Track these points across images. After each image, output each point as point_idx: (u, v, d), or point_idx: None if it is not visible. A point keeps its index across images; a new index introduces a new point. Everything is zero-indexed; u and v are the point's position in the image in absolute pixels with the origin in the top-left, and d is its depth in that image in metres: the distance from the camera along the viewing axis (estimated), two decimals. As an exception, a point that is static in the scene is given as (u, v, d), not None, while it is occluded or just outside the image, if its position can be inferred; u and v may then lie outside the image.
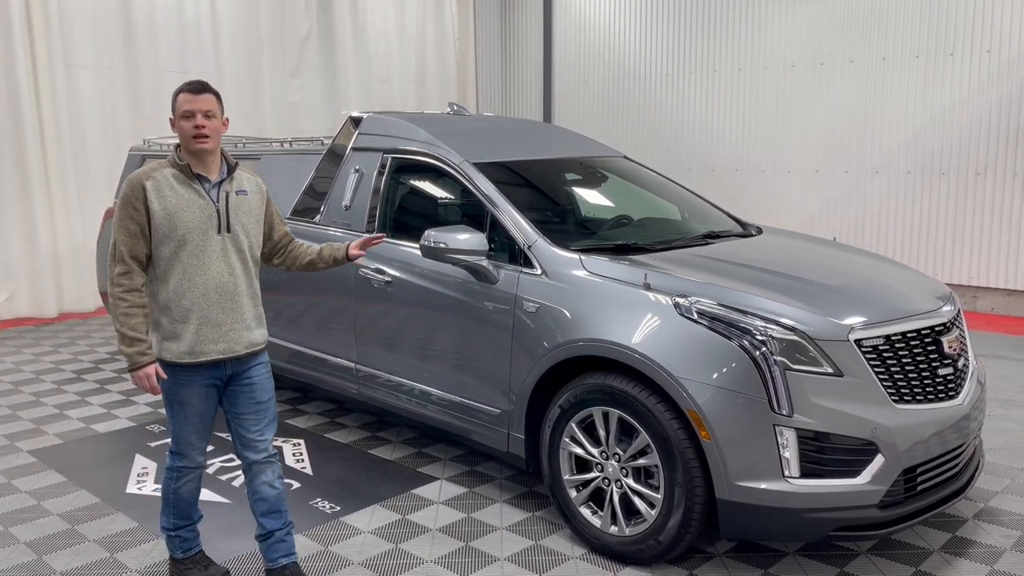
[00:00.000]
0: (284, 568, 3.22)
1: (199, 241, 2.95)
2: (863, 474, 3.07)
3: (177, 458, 3.15)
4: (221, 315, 3.00)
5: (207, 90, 2.97)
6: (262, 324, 3.17)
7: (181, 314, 2.96)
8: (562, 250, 3.78)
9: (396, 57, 11.16)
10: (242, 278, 3.06)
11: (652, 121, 10.30)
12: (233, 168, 3.07)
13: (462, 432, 4.14)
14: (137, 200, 2.91)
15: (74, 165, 8.45)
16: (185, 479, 3.18)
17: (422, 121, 4.79)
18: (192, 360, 2.98)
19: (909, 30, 8.18)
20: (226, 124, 3.05)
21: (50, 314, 8.37)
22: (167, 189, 2.93)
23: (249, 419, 3.13)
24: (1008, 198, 7.84)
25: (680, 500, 3.19)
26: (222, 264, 2.99)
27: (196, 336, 2.97)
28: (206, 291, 2.97)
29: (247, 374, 3.11)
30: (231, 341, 3.02)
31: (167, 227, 2.91)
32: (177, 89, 2.99)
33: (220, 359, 3.02)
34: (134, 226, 2.92)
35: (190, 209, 2.94)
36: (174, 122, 2.97)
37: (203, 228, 2.95)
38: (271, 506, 3.20)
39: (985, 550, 3.55)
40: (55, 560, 3.55)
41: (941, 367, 3.38)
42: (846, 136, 8.73)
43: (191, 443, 3.12)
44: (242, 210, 3.05)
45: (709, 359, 3.16)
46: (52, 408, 5.59)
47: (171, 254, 2.94)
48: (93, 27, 8.46)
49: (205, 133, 2.91)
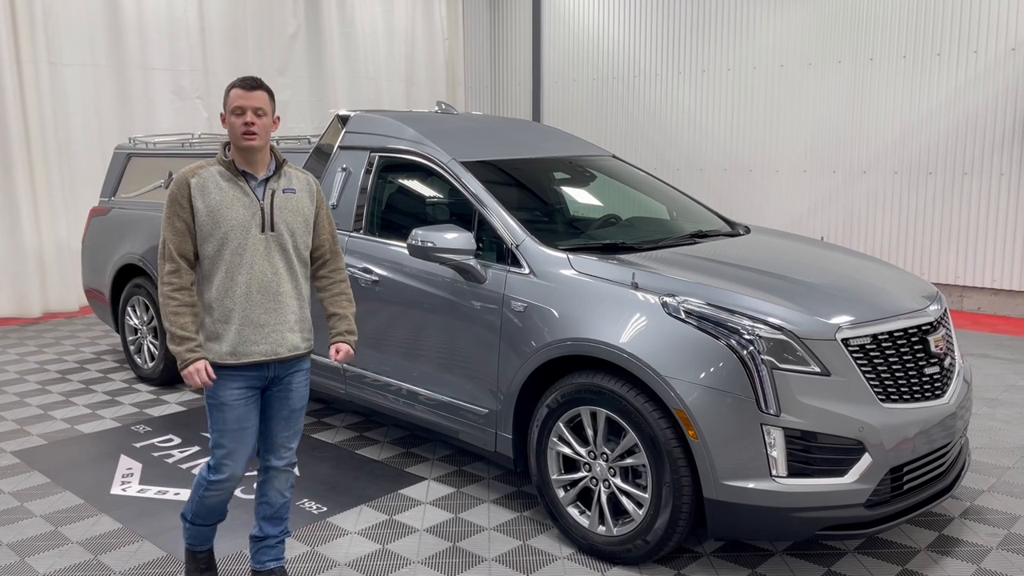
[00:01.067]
0: (271, 572, 3.20)
1: (241, 239, 2.87)
2: (850, 473, 3.07)
3: (213, 471, 3.01)
4: (264, 315, 2.92)
5: (260, 87, 2.89)
6: (307, 329, 3.06)
7: (224, 314, 2.90)
8: (550, 249, 3.77)
9: (384, 56, 11.14)
10: (286, 278, 2.97)
11: (641, 121, 10.31)
12: (281, 165, 2.99)
13: (450, 432, 4.12)
14: (183, 198, 2.86)
15: (59, 164, 8.39)
16: (215, 491, 3.04)
17: (410, 120, 4.77)
18: (234, 361, 2.90)
19: (896, 31, 8.22)
20: (277, 122, 2.97)
21: (34, 314, 8.31)
22: (212, 186, 2.88)
23: (280, 424, 3.06)
24: (995, 198, 7.89)
25: (668, 500, 3.19)
26: (265, 263, 2.91)
27: (238, 336, 2.89)
28: (248, 291, 2.89)
29: (287, 379, 3.03)
30: (273, 343, 2.94)
31: (210, 225, 2.86)
32: (230, 84, 2.92)
33: (262, 361, 2.93)
34: (181, 224, 2.87)
35: (233, 206, 2.87)
36: (224, 117, 2.90)
37: (245, 226, 2.88)
38: (275, 512, 3.17)
39: (971, 549, 3.56)
40: (38, 562, 3.51)
41: (928, 366, 3.38)
42: (834, 136, 8.76)
43: (229, 454, 2.96)
44: (288, 208, 2.96)
45: (697, 358, 3.16)
46: (36, 408, 5.54)
47: (214, 252, 2.88)
48: (79, 25, 8.40)
49: (254, 131, 2.84)
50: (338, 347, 3.13)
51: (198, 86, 9.23)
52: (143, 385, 6.03)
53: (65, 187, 8.44)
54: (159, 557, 3.55)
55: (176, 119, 8.99)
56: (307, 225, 3.03)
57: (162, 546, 3.64)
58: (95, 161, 8.44)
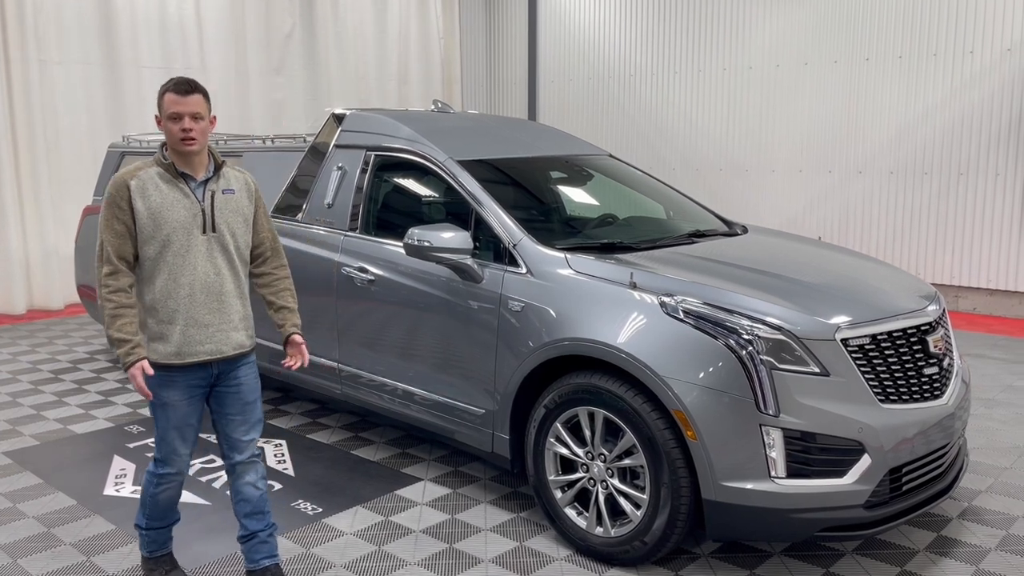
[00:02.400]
0: (266, 570, 3.18)
1: (183, 241, 2.90)
2: (849, 474, 3.06)
3: (159, 464, 3.08)
4: (208, 316, 2.95)
5: (195, 90, 2.89)
6: (250, 326, 3.12)
7: (167, 315, 2.92)
8: (547, 249, 3.75)
9: (379, 55, 11.10)
10: (229, 278, 3.01)
11: (637, 120, 10.30)
12: (220, 166, 3.02)
13: (446, 432, 4.10)
14: (122, 200, 2.87)
15: (47, 163, 8.32)
16: (165, 486, 3.12)
17: (406, 118, 4.74)
18: (180, 361, 2.94)
19: (892, 31, 8.22)
20: (213, 122, 2.98)
21: (18, 311, 8.24)
22: (152, 188, 2.89)
23: (236, 419, 3.09)
24: (990, 198, 7.89)
25: (666, 500, 3.17)
26: (208, 264, 2.95)
27: (183, 337, 2.93)
28: (192, 292, 2.92)
29: (234, 374, 3.07)
30: (218, 342, 2.98)
31: (151, 227, 2.87)
32: (163, 87, 2.90)
33: (208, 360, 2.98)
34: (120, 226, 2.88)
35: (175, 208, 2.89)
36: (160, 121, 2.90)
37: (187, 228, 2.90)
38: (254, 507, 3.16)
39: (970, 550, 3.55)
40: (31, 564, 3.48)
41: (926, 366, 3.37)
42: (830, 136, 8.76)
43: (174, 448, 3.04)
44: (228, 209, 3.00)
45: (695, 358, 3.14)
46: (29, 408, 5.50)
47: (156, 254, 2.90)
48: (70, 22, 8.34)
49: (192, 136, 2.85)
50: (292, 340, 3.21)
51: None
52: (137, 385, 5.99)
53: (53, 186, 8.37)
54: (153, 559, 3.52)
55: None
56: (247, 224, 3.08)
57: (156, 548, 3.60)
58: (84, 160, 8.38)
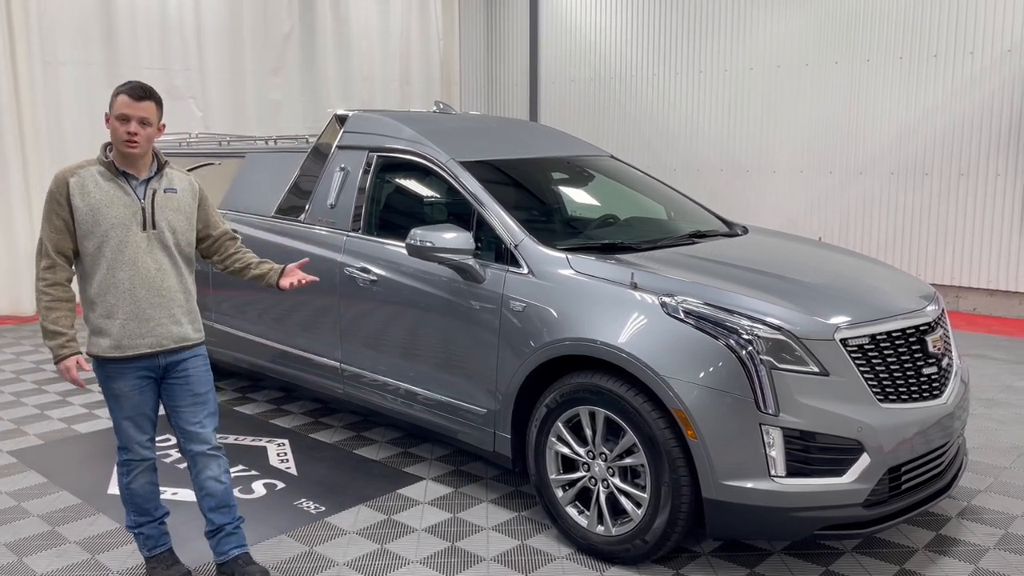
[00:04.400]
0: (236, 559, 3.21)
1: (121, 237, 2.97)
2: (848, 473, 3.08)
3: (123, 452, 3.18)
4: (149, 310, 3.02)
5: (149, 97, 2.98)
6: (196, 320, 3.18)
7: (107, 309, 2.99)
8: (549, 249, 3.77)
9: (379, 56, 11.11)
10: (171, 273, 3.08)
11: (638, 121, 10.32)
12: (163, 166, 3.10)
13: (448, 432, 4.12)
14: (61, 196, 2.95)
15: (52, 163, 8.32)
16: (134, 472, 3.18)
17: (408, 119, 4.76)
18: (120, 354, 3.01)
19: (893, 32, 8.23)
20: (161, 129, 3.06)
21: (26, 312, 8.27)
22: (91, 185, 2.96)
23: (187, 411, 3.15)
24: (991, 199, 7.91)
25: (667, 499, 3.19)
26: (148, 260, 3.01)
27: (122, 331, 3.00)
28: (132, 286, 2.99)
29: (182, 366, 3.13)
30: (158, 336, 3.04)
31: (90, 222, 2.95)
32: (118, 88, 2.99)
33: (149, 353, 3.04)
34: (58, 221, 2.95)
35: (114, 205, 2.97)
36: (108, 118, 2.97)
37: (126, 224, 2.98)
38: (219, 501, 3.20)
39: (969, 548, 3.57)
40: (36, 562, 3.51)
41: (926, 366, 3.39)
42: (830, 137, 8.77)
43: (130, 436, 3.13)
44: (169, 207, 3.07)
45: (696, 358, 3.16)
46: (33, 408, 5.53)
47: (95, 250, 2.97)
48: (74, 24, 8.37)
49: (136, 140, 2.94)
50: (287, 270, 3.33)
51: (192, 85, 9.19)
52: (140, 385, 6.01)
53: None
54: (157, 557, 3.54)
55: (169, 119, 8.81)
56: (189, 223, 3.15)
57: (160, 546, 3.62)
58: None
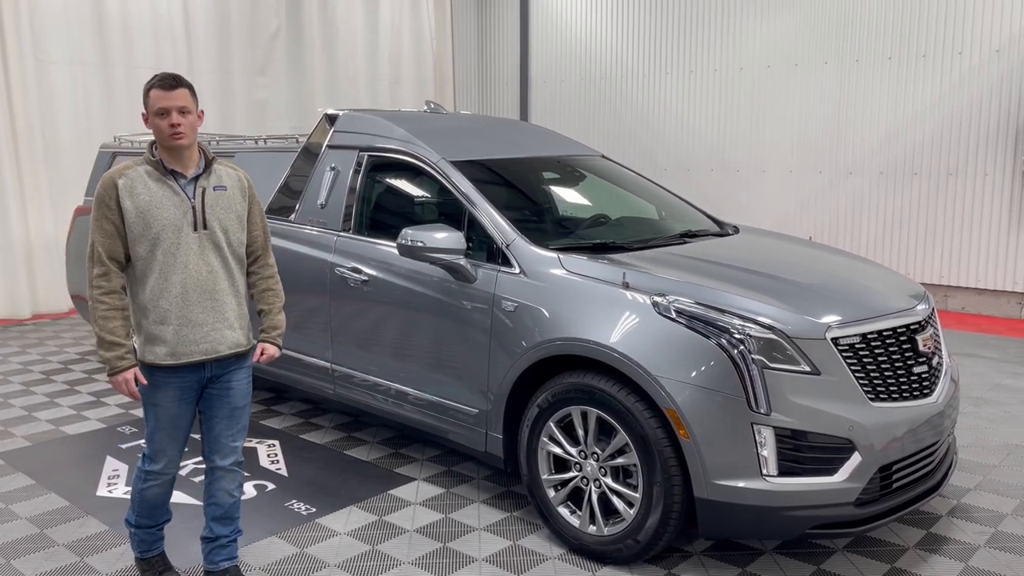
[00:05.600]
0: (225, 572, 3.18)
1: (173, 239, 2.86)
2: (840, 472, 3.09)
3: (147, 461, 3.07)
4: (202, 315, 2.91)
5: (180, 84, 2.85)
6: (247, 325, 3.08)
7: (160, 315, 2.88)
8: (540, 249, 3.77)
9: (367, 55, 11.05)
10: (223, 276, 2.96)
11: (629, 121, 10.33)
12: (211, 162, 2.97)
13: (439, 432, 4.11)
14: (110, 199, 2.84)
15: (46, 162, 8.30)
16: (152, 483, 3.10)
17: (399, 119, 4.75)
18: (174, 362, 2.90)
19: (882, 32, 8.27)
20: (201, 117, 2.93)
21: (23, 315, 8.22)
22: (140, 186, 2.85)
23: (222, 423, 3.07)
24: (979, 199, 7.95)
25: (658, 499, 3.19)
26: (200, 262, 2.90)
27: (177, 337, 2.89)
28: (184, 290, 2.88)
29: (227, 378, 3.04)
30: (213, 341, 2.94)
31: (141, 226, 2.84)
32: (148, 83, 2.86)
33: (202, 360, 2.94)
34: (109, 226, 2.84)
35: (164, 206, 2.86)
36: (147, 118, 2.85)
37: (177, 225, 2.87)
38: (225, 512, 3.16)
39: (959, 546, 3.58)
40: (24, 565, 3.48)
41: (916, 365, 3.40)
42: (820, 137, 8.81)
43: (163, 449, 3.03)
44: (220, 206, 2.95)
45: (687, 358, 3.16)
46: (20, 410, 5.49)
47: (147, 253, 2.86)
48: (65, 23, 8.31)
49: (181, 131, 2.81)
50: (263, 348, 3.14)
51: None
52: (129, 386, 5.97)
53: (53, 185, 8.34)
54: (146, 559, 3.52)
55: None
56: (240, 222, 3.02)
57: (149, 548, 3.60)
58: (84, 159, 8.31)
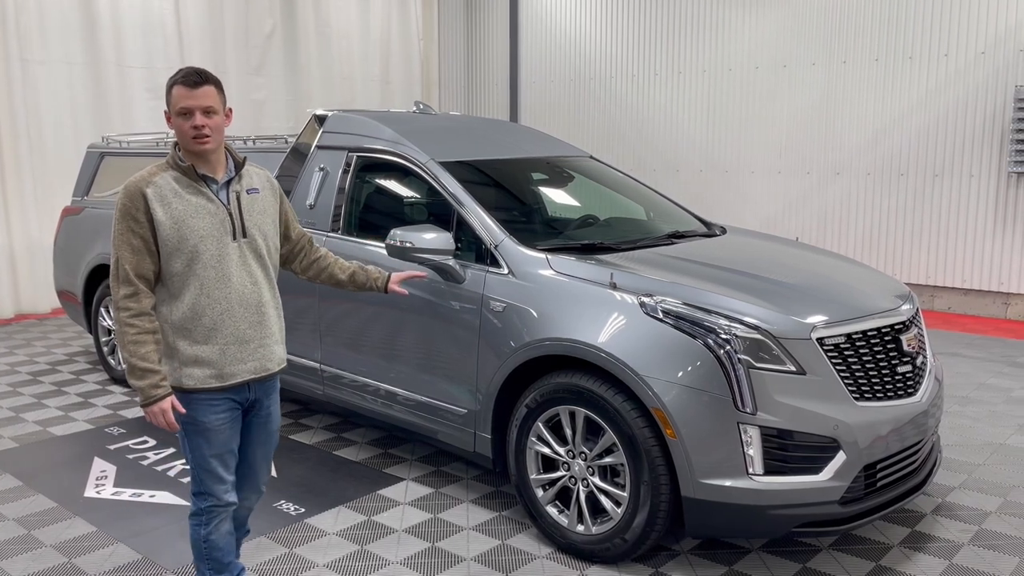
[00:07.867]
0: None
1: (215, 251, 2.60)
2: (825, 471, 3.11)
3: (203, 499, 2.76)
4: (249, 330, 2.67)
5: (206, 81, 2.57)
6: (284, 339, 2.88)
7: (203, 334, 2.62)
8: (529, 249, 3.78)
9: (359, 55, 11.09)
10: (266, 287, 2.74)
11: (618, 121, 10.35)
12: (241, 164, 2.73)
13: (428, 432, 4.12)
14: (138, 211, 2.54)
15: (31, 162, 8.26)
16: (215, 521, 2.79)
17: (388, 119, 4.76)
18: (220, 384, 2.65)
19: (869, 34, 8.32)
20: (229, 116, 2.67)
21: (6, 315, 8.18)
22: (171, 195, 2.57)
23: (259, 450, 2.88)
24: (965, 199, 8.01)
25: (646, 498, 3.21)
26: (243, 273, 2.66)
27: (223, 357, 2.64)
28: (229, 306, 2.63)
29: (266, 403, 2.83)
30: (262, 358, 2.72)
31: (176, 239, 2.55)
32: (171, 79, 2.58)
33: (248, 380, 2.71)
34: (138, 241, 2.54)
35: (200, 215, 2.59)
36: (170, 117, 2.60)
37: (217, 236, 2.60)
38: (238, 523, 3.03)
39: (944, 544, 3.62)
40: (12, 566, 3.47)
41: (900, 365, 3.43)
42: (808, 137, 8.85)
43: (218, 476, 2.73)
44: (256, 210, 2.71)
45: (674, 358, 3.18)
46: (7, 411, 5.46)
47: (184, 268, 2.58)
48: (53, 22, 8.28)
49: (205, 133, 2.55)
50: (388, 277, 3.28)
51: None
52: (116, 387, 5.96)
53: (38, 186, 8.31)
54: (134, 560, 3.51)
55: (152, 117, 8.87)
56: (275, 225, 2.82)
57: (137, 549, 3.60)
58: (70, 159, 8.30)
